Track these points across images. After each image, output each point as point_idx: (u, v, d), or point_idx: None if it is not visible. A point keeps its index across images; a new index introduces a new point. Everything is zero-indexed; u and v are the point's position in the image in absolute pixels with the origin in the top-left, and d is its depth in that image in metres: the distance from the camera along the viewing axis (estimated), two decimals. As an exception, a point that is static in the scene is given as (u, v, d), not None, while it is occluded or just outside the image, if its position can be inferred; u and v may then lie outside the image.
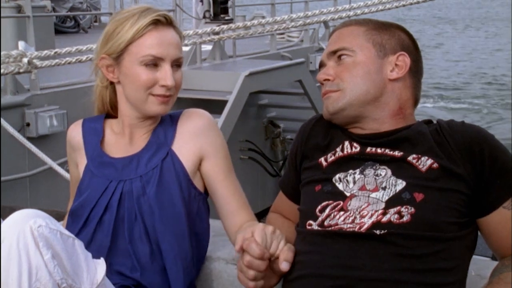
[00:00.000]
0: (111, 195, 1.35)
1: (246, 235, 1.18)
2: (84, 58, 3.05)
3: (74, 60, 3.05)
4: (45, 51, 2.91)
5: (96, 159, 1.41)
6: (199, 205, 1.41)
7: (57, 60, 3.09)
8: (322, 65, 1.35)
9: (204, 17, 5.89)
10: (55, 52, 3.02)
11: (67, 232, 1.17)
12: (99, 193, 1.36)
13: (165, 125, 1.42)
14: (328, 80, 1.30)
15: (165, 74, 1.33)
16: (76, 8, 8.94)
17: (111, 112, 1.45)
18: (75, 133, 1.45)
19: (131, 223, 1.34)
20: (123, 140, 1.42)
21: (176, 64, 1.36)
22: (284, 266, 1.18)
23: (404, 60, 1.29)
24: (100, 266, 1.20)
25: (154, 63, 1.33)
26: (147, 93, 1.34)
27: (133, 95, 1.36)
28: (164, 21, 1.35)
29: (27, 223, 1.12)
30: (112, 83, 1.41)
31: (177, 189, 1.36)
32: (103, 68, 1.37)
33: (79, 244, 1.18)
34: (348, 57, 1.28)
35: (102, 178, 1.38)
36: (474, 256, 1.25)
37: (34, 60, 2.78)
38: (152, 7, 1.36)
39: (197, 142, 1.39)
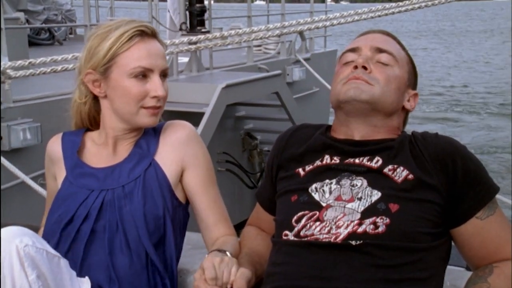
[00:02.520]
0: (91, 205, 1.34)
1: (197, 274, 1.18)
2: (59, 68, 3.01)
3: (49, 70, 3.01)
4: (19, 61, 2.86)
5: (75, 170, 1.39)
6: (180, 216, 1.40)
7: (31, 70, 3.04)
8: (355, 50, 1.33)
9: (181, 29, 5.88)
10: (29, 63, 2.97)
11: (53, 251, 1.16)
12: (78, 203, 1.35)
13: (148, 136, 1.41)
14: (365, 69, 1.29)
15: (156, 85, 1.34)
16: (51, 20, 8.85)
17: (90, 127, 1.45)
18: (55, 146, 1.44)
19: (112, 233, 1.33)
20: (105, 151, 1.41)
21: (163, 75, 1.37)
22: None
23: (416, 100, 1.37)
24: (85, 285, 1.18)
25: (143, 74, 1.33)
26: (138, 106, 1.34)
27: (123, 108, 1.35)
28: (149, 32, 1.35)
29: (13, 242, 1.10)
30: (95, 97, 1.39)
31: (160, 200, 1.35)
32: (89, 83, 1.36)
33: (64, 263, 1.17)
34: (390, 67, 1.30)
35: (82, 188, 1.36)
36: (448, 267, 1.27)
37: (8, 71, 2.73)
38: (134, 19, 1.36)
39: (179, 153, 1.39)
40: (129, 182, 1.35)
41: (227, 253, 1.26)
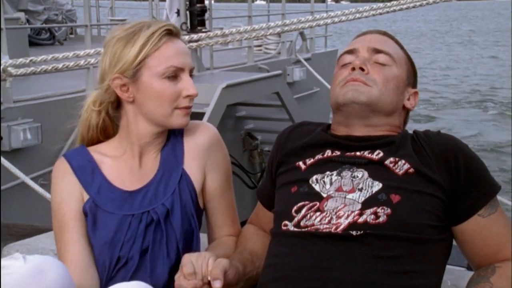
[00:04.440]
0: (136, 230, 1.28)
1: (176, 276, 1.17)
2: (60, 65, 2.99)
3: (50, 68, 2.99)
4: (20, 59, 2.84)
5: (107, 194, 1.31)
6: (200, 222, 1.38)
7: (32, 68, 3.02)
8: (353, 52, 1.34)
9: (181, 29, 5.88)
10: (30, 60, 2.95)
11: None
12: (124, 230, 1.28)
13: (171, 141, 1.37)
14: (363, 70, 1.29)
15: (188, 84, 1.30)
16: (51, 20, 8.85)
17: (98, 137, 1.37)
18: (67, 175, 1.32)
19: (155, 253, 1.29)
20: (130, 163, 1.33)
21: (190, 74, 1.33)
22: (215, 284, 1.15)
23: (416, 98, 1.37)
24: None
25: (174, 74, 1.29)
26: (172, 107, 1.30)
27: (156, 111, 1.30)
28: (175, 31, 1.32)
29: None
30: (119, 103, 1.32)
31: (192, 210, 1.32)
32: (116, 89, 1.30)
33: None
34: (388, 67, 1.31)
35: (123, 214, 1.29)
36: (450, 266, 1.26)
37: (9, 68, 2.71)
38: (155, 20, 1.33)
39: (203, 159, 1.36)
40: (167, 198, 1.31)
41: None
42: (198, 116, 5.02)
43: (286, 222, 1.23)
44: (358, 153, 1.26)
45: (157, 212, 1.29)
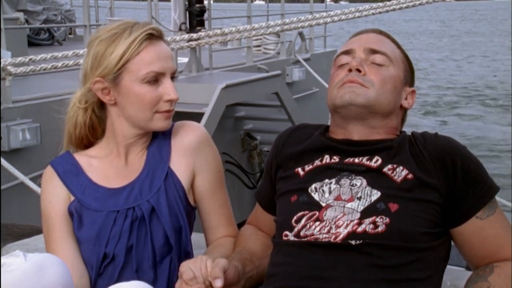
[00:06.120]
0: (121, 226, 1.29)
1: (178, 283, 1.17)
2: (59, 64, 2.99)
3: (49, 67, 2.99)
4: (19, 58, 2.84)
5: (92, 193, 1.32)
6: (192, 220, 1.39)
7: (31, 67, 3.02)
8: (349, 52, 1.33)
9: (180, 29, 5.87)
10: (30, 59, 2.95)
11: None
12: (109, 227, 1.29)
13: (158, 140, 1.37)
14: (360, 71, 1.29)
15: (168, 89, 1.30)
16: (50, 20, 8.84)
17: (87, 135, 1.38)
18: (54, 182, 1.35)
19: (141, 250, 1.29)
20: (116, 162, 1.35)
21: (172, 76, 1.33)
22: (216, 284, 1.15)
23: (413, 97, 1.36)
24: None
25: (155, 79, 1.29)
26: (152, 112, 1.30)
27: (137, 115, 1.30)
28: (157, 34, 1.31)
29: None
30: (100, 104, 1.34)
31: (180, 208, 1.33)
32: (98, 92, 1.31)
33: None
34: (385, 67, 1.30)
35: (106, 211, 1.31)
36: (449, 266, 1.26)
37: (8, 67, 2.71)
38: (137, 22, 1.32)
39: (191, 158, 1.37)
40: (152, 195, 1.31)
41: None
42: (198, 116, 5.02)
43: (287, 232, 1.23)
44: (356, 160, 1.26)
45: (142, 208, 1.30)
